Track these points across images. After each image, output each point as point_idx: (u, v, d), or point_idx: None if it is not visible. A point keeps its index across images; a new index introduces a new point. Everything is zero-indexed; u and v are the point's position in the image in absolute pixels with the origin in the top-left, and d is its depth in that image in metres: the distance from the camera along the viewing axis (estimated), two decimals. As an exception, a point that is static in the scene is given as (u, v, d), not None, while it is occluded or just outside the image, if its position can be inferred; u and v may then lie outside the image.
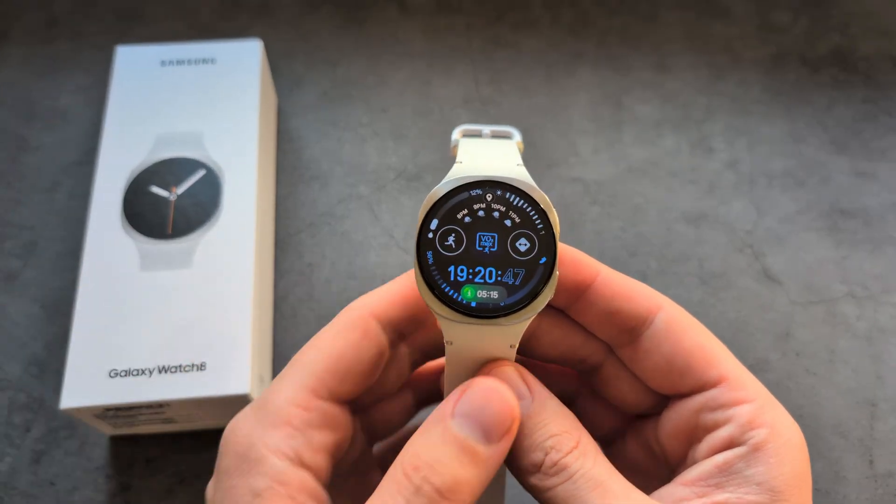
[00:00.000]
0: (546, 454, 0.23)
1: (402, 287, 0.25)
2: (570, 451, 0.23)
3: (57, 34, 0.53)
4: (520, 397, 0.23)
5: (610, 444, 0.29)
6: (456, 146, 0.26)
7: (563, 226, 0.45)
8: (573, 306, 0.26)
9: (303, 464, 0.23)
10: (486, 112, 0.49)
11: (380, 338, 0.25)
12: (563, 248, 0.24)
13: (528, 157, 0.48)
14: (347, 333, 0.24)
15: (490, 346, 0.23)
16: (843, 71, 0.52)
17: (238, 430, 0.23)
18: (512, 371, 0.23)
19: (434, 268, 0.22)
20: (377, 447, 0.30)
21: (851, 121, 0.50)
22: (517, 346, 0.23)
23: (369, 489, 0.22)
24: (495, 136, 0.27)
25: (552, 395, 0.24)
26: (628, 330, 0.25)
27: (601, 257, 0.44)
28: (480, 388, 0.22)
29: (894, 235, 0.45)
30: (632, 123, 0.49)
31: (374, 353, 0.25)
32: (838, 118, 0.50)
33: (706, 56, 0.52)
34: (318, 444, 0.23)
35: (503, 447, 0.22)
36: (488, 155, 0.25)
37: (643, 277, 0.44)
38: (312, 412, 0.23)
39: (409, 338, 0.27)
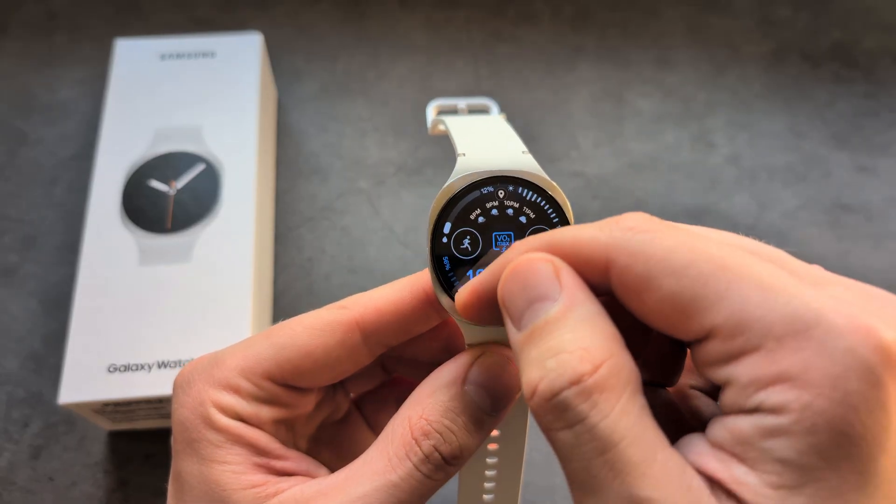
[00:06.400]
0: (542, 377, 0.17)
1: (398, 296, 0.24)
2: (580, 381, 0.16)
3: (56, 27, 0.52)
4: (544, 298, 0.18)
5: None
6: (436, 125, 0.25)
7: (564, 221, 0.45)
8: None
9: (251, 424, 0.23)
10: (487, 106, 0.49)
11: (356, 348, 0.24)
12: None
13: (530, 152, 0.48)
14: (325, 335, 0.23)
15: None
16: (844, 66, 0.51)
17: (192, 385, 0.23)
18: (544, 265, 0.18)
19: (452, 273, 0.21)
20: (353, 395, 0.30)
21: (852, 116, 0.49)
22: None
23: (349, 436, 0.23)
24: (472, 110, 0.26)
25: (594, 301, 0.18)
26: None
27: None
28: (497, 359, 0.22)
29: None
30: (633, 118, 0.49)
31: (342, 360, 0.24)
32: (839, 113, 0.50)
33: (707, 51, 0.52)
34: (265, 416, 0.23)
35: (502, 417, 0.22)
36: (490, 141, 0.23)
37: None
38: (262, 391, 0.23)
39: (397, 350, 0.26)
